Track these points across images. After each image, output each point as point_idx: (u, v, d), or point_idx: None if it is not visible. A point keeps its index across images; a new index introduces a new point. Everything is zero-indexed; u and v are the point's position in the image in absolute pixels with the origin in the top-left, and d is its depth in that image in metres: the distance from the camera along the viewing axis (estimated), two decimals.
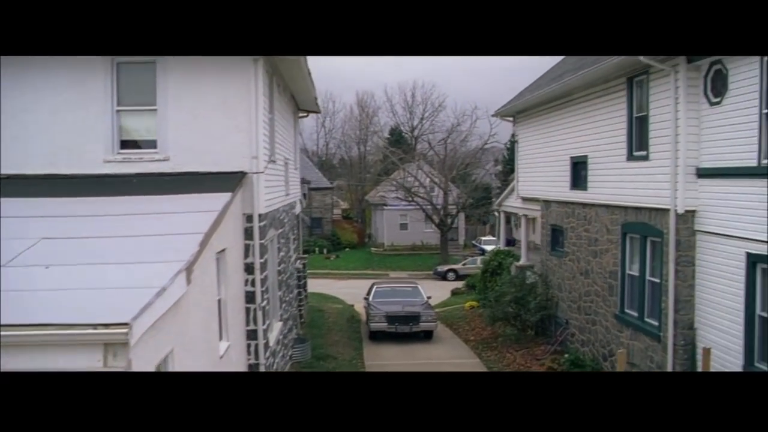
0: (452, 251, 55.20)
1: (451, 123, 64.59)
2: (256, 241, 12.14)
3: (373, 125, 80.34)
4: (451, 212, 52.28)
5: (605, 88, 16.33)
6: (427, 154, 62.26)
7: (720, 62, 12.27)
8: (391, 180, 54.87)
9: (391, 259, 55.63)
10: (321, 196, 64.27)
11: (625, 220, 15.63)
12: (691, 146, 13.06)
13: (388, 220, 61.19)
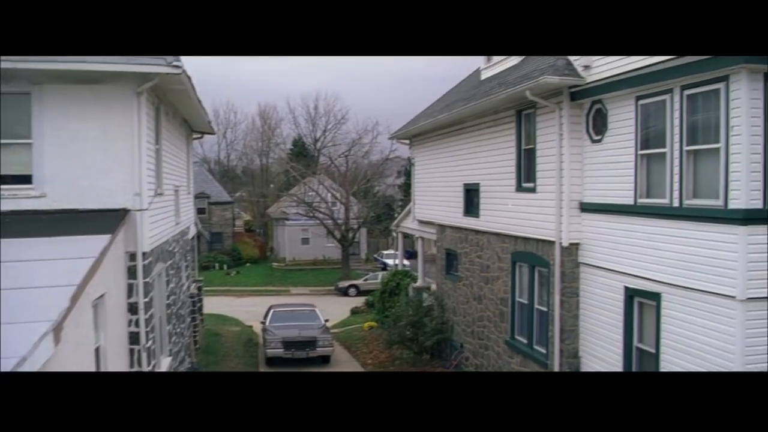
0: (354, 266, 55.25)
1: (351, 138, 64.72)
2: (140, 280, 11.71)
3: (276, 137, 79.75)
4: (353, 227, 52.30)
5: (495, 119, 16.69)
6: (329, 168, 62.18)
7: (600, 102, 12.75)
8: (292, 195, 54.43)
9: (292, 274, 55.16)
10: (221, 211, 63.21)
11: (515, 249, 15.99)
12: (574, 181, 13.49)
13: (289, 234, 60.69)
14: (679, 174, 10.71)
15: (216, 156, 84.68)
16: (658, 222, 11.22)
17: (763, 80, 9.44)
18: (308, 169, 56.98)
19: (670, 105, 10.84)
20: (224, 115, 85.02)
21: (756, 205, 9.57)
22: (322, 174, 58.07)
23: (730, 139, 9.66)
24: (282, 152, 75.18)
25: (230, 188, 76.66)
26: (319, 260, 59.15)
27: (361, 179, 54.87)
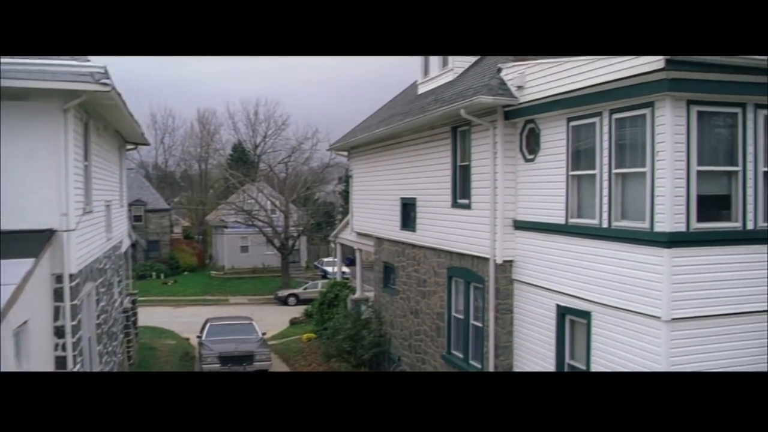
0: (294, 273, 54.89)
1: (291, 145, 64.30)
2: (67, 303, 11.37)
3: (215, 142, 78.70)
4: (293, 235, 51.95)
5: (432, 134, 16.79)
6: (269, 175, 61.65)
7: (533, 122, 12.95)
8: (231, 203, 53.74)
9: (231, 283, 54.48)
10: (158, 218, 62.03)
11: (451, 265, 16.10)
12: (508, 199, 13.65)
13: (228, 242, 59.91)
14: (608, 196, 10.94)
15: (154, 160, 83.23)
16: (588, 242, 11.43)
17: (686, 107, 9.72)
18: (248, 176, 56.40)
19: (599, 128, 11.08)
20: (162, 120, 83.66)
21: (680, 228, 9.83)
22: (261, 181, 57.54)
23: (655, 164, 9.91)
24: (221, 158, 74.24)
25: (168, 194, 75.33)
26: (259, 268, 58.54)
27: (301, 187, 54.56)
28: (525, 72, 12.74)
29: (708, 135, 10.02)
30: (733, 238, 10.21)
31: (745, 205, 10.26)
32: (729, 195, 10.29)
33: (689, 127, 9.77)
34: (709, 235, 10.05)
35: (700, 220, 9.99)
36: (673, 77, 9.28)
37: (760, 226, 10.39)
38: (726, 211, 10.34)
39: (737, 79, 9.75)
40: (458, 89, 15.36)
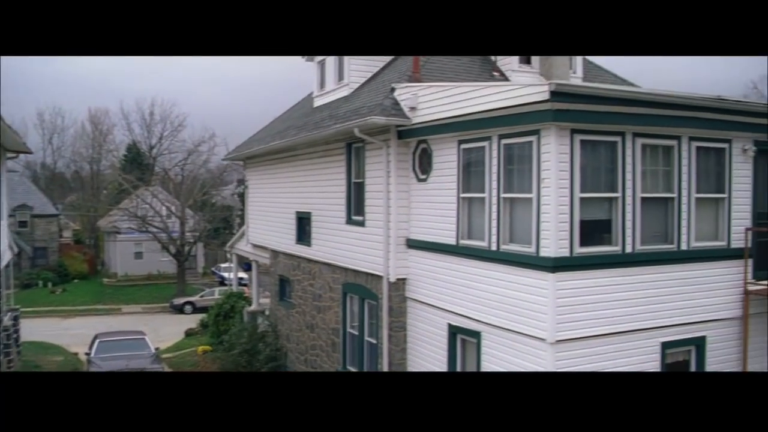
0: (191, 280, 53.60)
1: (188, 147, 62.72)
2: None
3: (108, 143, 75.79)
4: (189, 241, 50.69)
5: (327, 149, 16.70)
6: (164, 178, 59.93)
7: (426, 142, 13.07)
8: (124, 209, 51.88)
9: (124, 291, 52.62)
10: (46, 224, 59.35)
11: (346, 281, 16.06)
12: (401, 218, 13.73)
13: (121, 248, 57.84)
14: (496, 219, 11.16)
15: (41, 159, 79.51)
16: (478, 263, 11.62)
17: (570, 136, 10.01)
18: (142, 179, 54.64)
19: (488, 152, 11.28)
20: (50, 119, 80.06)
21: (564, 253, 10.12)
22: (156, 185, 55.82)
23: (541, 190, 10.16)
24: (115, 159, 71.59)
25: (58, 196, 72.11)
26: (154, 275, 56.84)
27: (198, 191, 53.31)
28: (418, 93, 12.84)
29: (590, 162, 10.36)
30: (613, 261, 10.61)
31: (624, 230, 10.67)
32: (610, 220, 10.68)
33: (573, 155, 10.07)
34: (591, 259, 10.39)
35: (582, 244, 10.32)
36: (558, 108, 9.55)
37: (638, 249, 10.84)
38: (607, 235, 10.72)
39: (617, 110, 10.14)
40: (353, 106, 15.33)
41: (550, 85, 9.38)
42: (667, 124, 10.80)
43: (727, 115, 11.31)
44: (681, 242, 11.32)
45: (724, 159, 11.77)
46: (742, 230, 12.00)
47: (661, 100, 10.55)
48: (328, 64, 18.12)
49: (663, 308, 11.13)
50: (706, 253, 11.64)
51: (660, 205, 11.16)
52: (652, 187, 11.01)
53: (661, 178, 11.13)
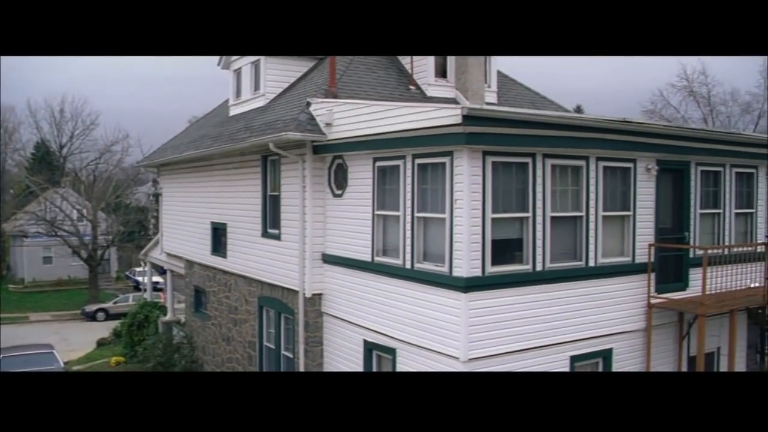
0: (104, 285, 52.00)
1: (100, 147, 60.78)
2: None
3: (14, 141, 72.62)
4: (102, 245, 49.13)
5: (242, 161, 16.49)
6: (74, 180, 57.87)
7: (342, 158, 13.05)
8: (31, 212, 49.83)
9: (32, 297, 50.55)
10: None
11: (262, 294, 15.88)
12: (317, 233, 13.67)
13: (29, 253, 55.50)
14: (411, 238, 11.23)
15: None
16: (393, 281, 11.68)
17: (482, 158, 10.17)
18: (51, 180, 52.63)
19: (403, 171, 11.35)
20: None
21: (476, 273, 10.27)
22: (67, 187, 53.83)
23: (454, 211, 10.29)
24: (21, 158, 68.69)
25: None
26: (64, 281, 54.84)
27: (111, 194, 51.73)
28: (333, 110, 12.81)
29: (502, 183, 10.54)
30: (524, 279, 10.83)
31: (534, 249, 10.91)
32: (521, 239, 10.90)
33: (485, 176, 10.23)
34: (503, 278, 10.58)
35: (494, 263, 10.49)
36: (470, 131, 9.68)
37: (548, 267, 11.10)
38: (518, 254, 10.93)
39: (528, 132, 10.36)
40: (268, 118, 15.17)
41: (463, 109, 9.51)
42: (576, 146, 11.12)
43: (632, 137, 11.73)
44: (589, 259, 11.66)
45: (629, 178, 12.20)
46: (645, 246, 12.46)
47: (569, 122, 10.86)
48: (244, 73, 17.87)
49: (572, 323, 11.45)
50: (613, 268, 12.03)
51: (569, 223, 11.47)
52: (561, 207, 11.29)
53: (570, 198, 11.43)
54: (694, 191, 13.30)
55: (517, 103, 17.58)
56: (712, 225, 13.92)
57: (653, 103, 59.27)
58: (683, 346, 13.29)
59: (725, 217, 13.98)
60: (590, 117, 11.09)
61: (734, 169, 13.97)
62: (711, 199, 13.72)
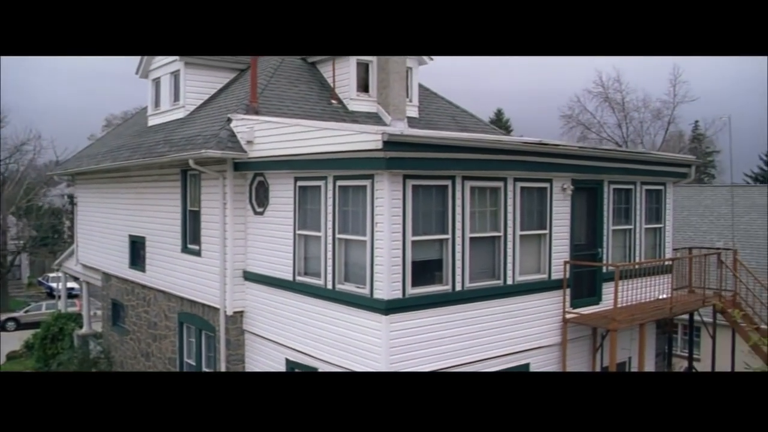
0: (14, 292, 50.07)
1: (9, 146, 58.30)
2: None
3: None
4: (12, 251, 47.29)
5: (161, 173, 16.19)
6: None
7: (263, 175, 12.96)
8: None
9: None
10: None
11: (182, 310, 15.63)
12: (238, 250, 13.55)
13: None
14: (332, 259, 11.26)
15: None
16: (315, 301, 11.68)
17: (402, 181, 10.28)
18: None
19: (324, 192, 11.36)
20: None
21: (397, 295, 10.38)
22: None
23: (375, 234, 10.37)
24: None
25: None
26: None
27: (22, 198, 49.83)
28: (254, 128, 12.72)
29: (422, 206, 10.68)
30: (444, 300, 11.01)
31: (454, 269, 11.11)
32: (441, 260, 11.07)
33: (405, 199, 10.35)
34: (423, 299, 10.73)
35: (415, 285, 10.62)
36: (391, 156, 9.78)
37: (467, 287, 11.32)
38: (438, 274, 11.11)
39: (447, 156, 10.53)
40: (188, 133, 14.92)
41: (383, 134, 9.59)
42: (495, 168, 11.37)
43: (548, 158, 12.08)
44: (507, 277, 11.94)
45: (545, 197, 12.54)
46: (561, 263, 12.84)
47: (488, 146, 11.09)
48: (164, 83, 17.53)
49: (491, 340, 11.70)
50: (530, 286, 12.35)
51: (488, 243, 11.71)
52: (480, 227, 11.53)
53: (488, 218, 11.68)
54: (606, 208, 13.79)
55: (438, 118, 17.86)
56: (624, 240, 14.46)
57: (571, 108, 61.06)
58: (597, 357, 13.77)
59: (636, 232, 14.53)
60: (508, 140, 11.37)
61: (644, 186, 14.54)
62: (623, 215, 14.25)
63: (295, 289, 12.17)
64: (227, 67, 17.25)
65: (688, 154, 66.07)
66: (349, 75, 15.96)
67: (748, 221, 28.19)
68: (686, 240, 28.01)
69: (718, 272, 16.55)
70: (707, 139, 67.32)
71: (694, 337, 21.87)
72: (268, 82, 15.37)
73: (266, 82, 15.30)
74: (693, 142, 69.48)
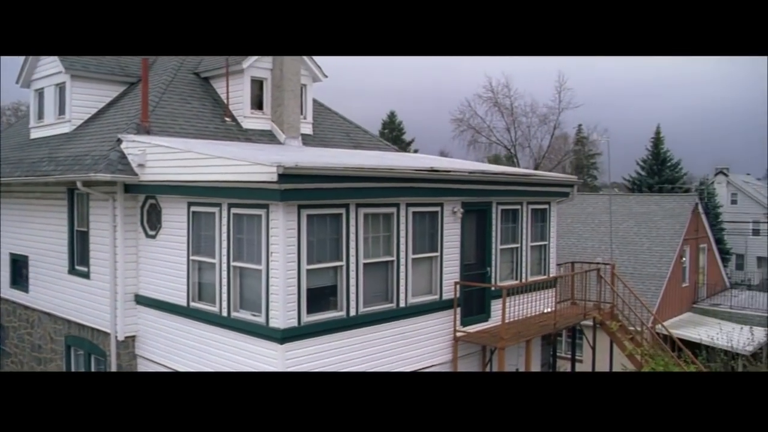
0: None
1: None
2: None
3: None
4: None
5: (46, 191, 15.61)
6: None
7: (155, 198, 12.75)
8: None
9: None
10: None
11: (69, 333, 15.14)
12: (130, 273, 13.27)
13: None
14: (227, 286, 11.24)
15: None
16: (210, 328, 11.62)
17: (297, 211, 10.39)
18: None
19: (219, 219, 11.32)
20: None
21: (292, 323, 10.49)
22: None
23: (270, 263, 10.43)
24: None
25: None
26: None
27: None
28: (146, 151, 12.49)
29: (317, 234, 10.84)
30: (339, 326, 11.21)
31: (348, 295, 11.32)
32: (336, 286, 11.26)
33: (300, 229, 10.47)
34: (319, 326, 10.88)
35: (310, 312, 10.77)
36: (285, 188, 9.87)
37: (362, 312, 11.56)
38: (333, 299, 11.29)
39: (341, 186, 10.73)
40: (76, 150, 14.45)
41: (278, 167, 9.67)
42: (388, 195, 11.67)
43: (439, 184, 12.48)
44: (400, 300, 12.27)
45: (437, 221, 12.95)
46: (452, 283, 13.28)
47: (381, 174, 11.35)
48: (48, 95, 16.87)
49: (386, 362, 12.00)
50: (422, 307, 12.73)
51: (381, 268, 11.99)
52: (374, 253, 11.79)
53: (381, 243, 11.96)
54: (495, 229, 14.35)
55: (332, 134, 18.04)
56: (511, 257, 15.09)
57: (461, 112, 62.68)
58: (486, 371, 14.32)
59: (522, 250, 15.19)
60: (400, 168, 11.65)
61: (530, 206, 15.22)
62: (510, 235, 14.86)
63: (190, 315, 12.06)
64: (116, 81, 16.79)
65: (572, 156, 68.99)
66: (242, 92, 15.88)
67: (626, 228, 29.86)
68: (569, 246, 29.40)
69: (598, 286, 17.53)
70: (589, 142, 70.76)
71: (577, 339, 23.09)
72: (159, 98, 15.08)
73: (158, 98, 15.01)
74: (577, 144, 72.82)
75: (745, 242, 55.36)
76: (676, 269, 28.27)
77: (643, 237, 29.17)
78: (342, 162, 11.27)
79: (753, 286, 48.86)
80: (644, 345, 16.64)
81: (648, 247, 28.55)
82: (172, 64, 16.76)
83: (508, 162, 71.02)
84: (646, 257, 28.18)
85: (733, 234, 52.90)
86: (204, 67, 16.67)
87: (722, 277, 34.63)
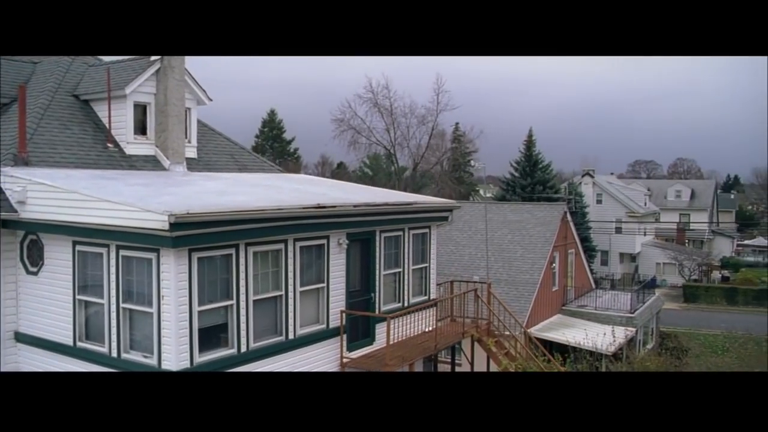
0: None
1: None
2: None
3: None
4: None
5: None
6: None
7: (36, 233, 12.52)
8: None
9: None
10: None
11: None
12: (9, 310, 12.95)
13: None
14: (116, 327, 11.26)
15: None
16: (99, 368, 11.57)
17: (188, 255, 10.59)
18: None
19: (107, 260, 11.31)
20: None
21: (184, 364, 10.69)
22: None
23: (161, 306, 10.57)
24: None
25: None
26: None
27: None
28: (27, 188, 12.24)
29: (208, 276, 11.07)
30: (231, 362, 11.49)
31: (239, 332, 11.62)
32: (227, 324, 11.53)
33: (191, 272, 10.67)
34: (211, 365, 11.12)
35: (202, 351, 10.99)
36: (177, 235, 10.06)
37: (252, 347, 11.89)
38: (224, 336, 11.55)
39: (231, 228, 10.99)
40: None
41: (170, 216, 9.84)
42: (276, 234, 12.03)
43: (325, 219, 12.94)
44: (289, 332, 12.67)
45: (323, 253, 13.43)
46: (338, 311, 13.80)
47: (268, 215, 11.69)
48: None
49: None
50: (310, 337, 13.18)
51: (270, 303, 12.35)
52: (263, 288, 12.13)
53: (270, 279, 12.31)
54: (378, 255, 14.97)
55: (216, 157, 18.11)
56: (394, 281, 15.77)
57: (342, 112, 63.32)
58: None
59: (405, 273, 15.90)
60: (288, 207, 12.04)
61: (412, 231, 15.96)
62: (393, 260, 15.53)
63: (76, 355, 11.96)
64: None
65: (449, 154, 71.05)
66: (125, 117, 15.69)
67: (500, 236, 31.38)
68: (448, 253, 30.58)
69: (475, 305, 18.54)
70: (466, 138, 73.27)
71: (456, 345, 24.18)
72: (37, 124, 14.68)
73: (35, 124, 14.61)
74: (454, 142, 75.14)
75: (609, 240, 59.01)
76: (547, 274, 30.03)
77: (517, 245, 30.76)
78: (232, 204, 11.51)
79: (617, 281, 52.41)
80: (518, 359, 17.79)
81: (521, 255, 30.15)
82: (49, 85, 16.30)
83: (388, 161, 72.43)
84: (520, 264, 29.76)
85: (599, 232, 56.26)
86: (84, 89, 16.32)
87: (588, 280, 36.98)
